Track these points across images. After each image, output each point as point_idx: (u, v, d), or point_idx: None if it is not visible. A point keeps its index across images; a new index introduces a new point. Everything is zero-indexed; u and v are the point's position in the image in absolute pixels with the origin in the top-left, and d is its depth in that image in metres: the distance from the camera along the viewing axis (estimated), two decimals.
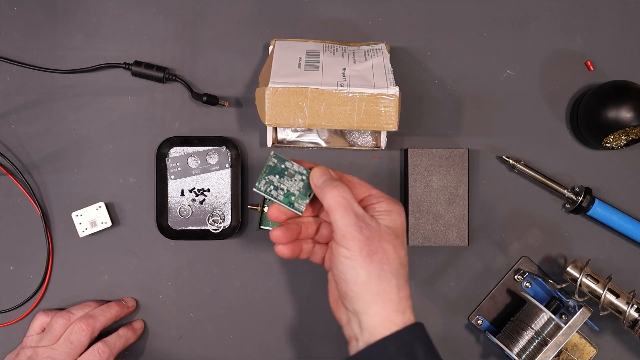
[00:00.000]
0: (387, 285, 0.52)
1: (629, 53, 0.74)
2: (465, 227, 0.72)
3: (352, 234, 0.52)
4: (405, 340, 0.52)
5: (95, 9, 0.74)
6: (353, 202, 0.54)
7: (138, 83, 0.73)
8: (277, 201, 0.56)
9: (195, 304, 0.74)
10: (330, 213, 0.53)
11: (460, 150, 0.72)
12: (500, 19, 0.75)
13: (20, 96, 0.73)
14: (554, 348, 0.67)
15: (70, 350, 0.67)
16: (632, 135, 0.71)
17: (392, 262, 0.53)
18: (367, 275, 0.52)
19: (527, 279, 0.73)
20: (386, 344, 0.51)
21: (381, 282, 0.52)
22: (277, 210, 0.57)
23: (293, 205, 0.56)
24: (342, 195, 0.53)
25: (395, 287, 0.52)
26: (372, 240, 0.52)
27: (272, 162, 0.56)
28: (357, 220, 0.53)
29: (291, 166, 0.56)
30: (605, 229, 0.74)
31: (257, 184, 0.56)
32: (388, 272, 0.52)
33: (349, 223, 0.52)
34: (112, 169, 0.74)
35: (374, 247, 0.52)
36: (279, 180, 0.56)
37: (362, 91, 0.64)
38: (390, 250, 0.53)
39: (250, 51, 0.74)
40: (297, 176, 0.56)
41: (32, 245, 0.73)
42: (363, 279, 0.52)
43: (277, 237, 0.56)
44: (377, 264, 0.52)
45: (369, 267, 0.52)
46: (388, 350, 0.51)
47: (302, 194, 0.56)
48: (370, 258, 0.52)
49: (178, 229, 0.73)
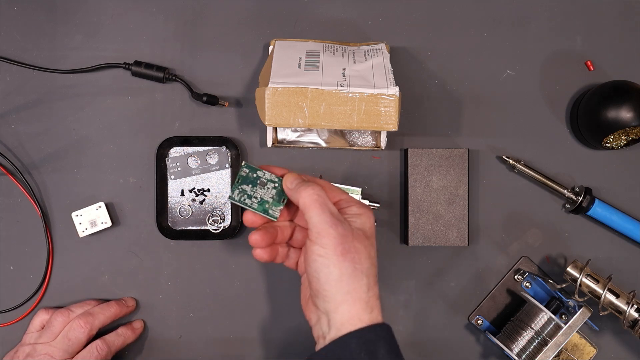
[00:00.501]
0: (358, 284, 0.53)
1: (629, 53, 0.74)
2: (465, 227, 0.72)
3: (327, 230, 0.53)
4: (367, 338, 0.52)
5: (95, 9, 0.74)
6: (327, 201, 0.55)
7: (138, 83, 0.73)
8: (252, 209, 0.57)
9: (195, 304, 0.74)
10: (306, 211, 0.54)
11: (460, 150, 0.72)
12: (500, 19, 0.75)
13: (20, 96, 0.73)
14: (554, 348, 0.67)
15: (68, 347, 0.67)
16: (632, 135, 0.71)
17: (363, 262, 0.53)
18: (339, 273, 0.52)
19: (527, 279, 0.73)
20: (348, 340, 0.52)
21: (352, 281, 0.53)
22: (252, 215, 0.58)
23: (267, 212, 0.57)
24: (317, 193, 0.54)
25: (366, 286, 0.53)
26: (345, 239, 0.53)
27: (244, 172, 0.57)
28: (332, 217, 0.53)
29: (263, 175, 0.58)
30: (605, 229, 0.74)
31: (230, 194, 0.57)
32: (359, 272, 0.53)
33: (324, 220, 0.53)
34: (112, 169, 0.74)
35: (347, 246, 0.53)
36: (252, 189, 0.57)
37: (362, 91, 0.64)
38: (362, 249, 0.54)
39: (250, 51, 0.74)
40: (270, 184, 0.58)
41: (32, 245, 0.73)
42: (335, 277, 0.53)
43: (256, 240, 0.56)
44: (350, 263, 0.53)
45: (341, 265, 0.52)
46: (349, 347, 0.52)
47: (275, 201, 0.58)
48: (344, 257, 0.53)
49: (178, 229, 0.73)
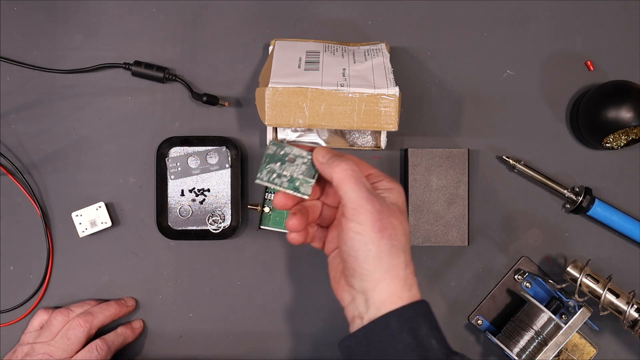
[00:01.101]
0: (396, 261, 0.51)
1: (629, 53, 0.74)
2: (465, 227, 0.72)
3: (364, 206, 0.51)
4: (408, 316, 0.51)
5: (95, 9, 0.74)
6: (362, 175, 0.53)
7: (138, 83, 0.73)
8: (282, 189, 0.55)
9: (195, 304, 0.74)
10: (341, 187, 0.52)
11: (460, 150, 0.72)
12: (500, 19, 0.75)
13: (20, 96, 0.73)
14: (554, 348, 0.67)
15: (67, 346, 0.67)
16: (632, 135, 0.71)
17: (400, 238, 0.52)
18: (377, 251, 0.51)
19: (527, 279, 0.73)
20: (388, 319, 0.51)
21: (391, 258, 0.51)
22: (283, 197, 0.56)
23: (299, 190, 0.55)
24: (352, 167, 0.53)
25: (403, 263, 0.52)
26: (382, 215, 0.51)
27: (270, 150, 0.55)
28: (368, 193, 0.52)
29: (291, 151, 0.55)
30: (605, 229, 0.74)
31: (258, 175, 0.55)
32: (397, 248, 0.52)
33: (361, 196, 0.51)
34: (112, 169, 0.74)
35: (384, 222, 0.51)
36: (281, 167, 0.55)
37: (362, 91, 0.64)
38: (398, 225, 0.52)
39: (250, 51, 0.74)
40: (298, 160, 0.55)
41: (32, 245, 0.73)
42: (374, 254, 0.51)
43: (294, 225, 0.54)
44: (388, 240, 0.51)
45: (379, 243, 0.51)
46: (390, 326, 0.50)
47: (306, 177, 0.55)
48: (382, 233, 0.51)
49: (178, 229, 0.73)
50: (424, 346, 0.50)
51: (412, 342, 0.50)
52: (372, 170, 0.56)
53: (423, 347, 0.50)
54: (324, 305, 0.74)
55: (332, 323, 0.74)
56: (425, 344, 0.51)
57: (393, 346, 0.50)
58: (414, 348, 0.50)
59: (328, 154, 0.54)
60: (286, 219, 0.55)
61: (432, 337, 0.51)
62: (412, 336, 0.50)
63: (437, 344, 0.51)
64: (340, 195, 0.52)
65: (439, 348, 0.51)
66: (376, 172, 0.56)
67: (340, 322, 0.73)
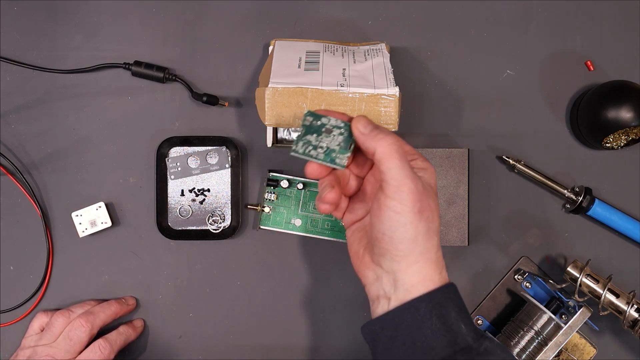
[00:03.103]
0: (430, 244, 0.51)
1: (629, 53, 0.74)
2: (465, 227, 0.72)
3: (409, 185, 0.50)
4: (437, 301, 0.50)
5: (95, 9, 0.74)
6: (405, 152, 0.51)
7: (138, 83, 0.73)
8: (319, 160, 0.53)
9: (195, 304, 0.74)
10: (384, 162, 0.50)
11: (460, 150, 0.72)
12: (500, 19, 0.75)
13: (20, 96, 0.73)
14: (554, 348, 0.67)
15: (69, 347, 0.67)
16: (632, 135, 0.71)
17: (435, 220, 0.51)
18: (415, 232, 0.50)
19: (527, 279, 0.73)
20: (418, 304, 0.50)
21: (426, 241, 0.50)
22: (317, 167, 0.54)
23: (335, 161, 0.53)
24: (397, 142, 0.51)
25: (436, 246, 0.52)
26: (422, 196, 0.50)
27: (307, 121, 0.53)
28: (412, 171, 0.50)
29: (328, 121, 0.53)
30: (605, 229, 0.74)
31: (294, 147, 0.53)
32: (432, 231, 0.51)
33: (406, 174, 0.50)
34: (112, 169, 0.74)
35: (424, 204, 0.50)
36: (317, 138, 0.53)
37: (362, 91, 0.64)
38: (435, 207, 0.51)
39: (250, 51, 0.74)
40: (335, 130, 0.53)
41: (32, 245, 0.73)
42: (411, 236, 0.50)
43: (333, 198, 0.53)
44: (425, 223, 0.50)
45: (418, 225, 0.50)
46: (420, 311, 0.50)
47: (342, 148, 0.53)
48: (420, 214, 0.50)
49: (178, 229, 0.73)
50: (453, 331, 0.50)
51: (441, 327, 0.50)
52: (407, 146, 0.54)
53: (452, 332, 0.50)
54: (324, 305, 0.74)
55: (332, 323, 0.74)
56: (455, 329, 0.50)
57: (422, 331, 0.50)
58: (444, 333, 0.50)
59: (369, 125, 0.52)
60: (323, 191, 0.54)
61: (461, 321, 0.51)
62: (442, 321, 0.50)
63: (465, 328, 0.51)
64: (382, 171, 0.50)
65: (468, 332, 0.51)
66: (410, 149, 0.55)
67: (341, 322, 0.74)
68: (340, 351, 0.74)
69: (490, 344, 0.51)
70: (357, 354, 0.73)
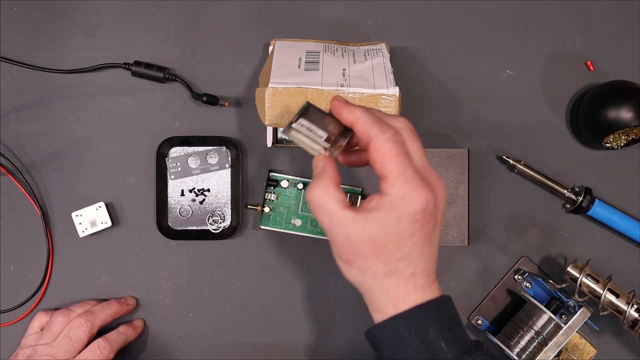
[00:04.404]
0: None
1: (629, 53, 0.74)
2: (465, 227, 0.72)
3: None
4: (416, 319, 0.51)
5: (95, 9, 0.74)
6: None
7: (138, 83, 0.73)
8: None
9: (195, 304, 0.74)
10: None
11: (460, 150, 0.72)
12: (500, 19, 0.75)
13: (20, 96, 0.73)
14: (554, 348, 0.67)
15: (69, 347, 0.67)
16: (632, 135, 0.71)
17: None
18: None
19: (527, 279, 0.73)
20: (397, 322, 0.51)
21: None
22: None
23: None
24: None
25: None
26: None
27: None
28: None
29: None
30: (605, 229, 0.74)
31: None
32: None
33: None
34: (112, 169, 0.74)
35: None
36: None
37: (362, 91, 0.64)
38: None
39: (250, 51, 0.74)
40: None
41: (32, 245, 0.73)
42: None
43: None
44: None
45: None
46: (399, 329, 0.51)
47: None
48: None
49: (178, 229, 0.73)
50: (432, 349, 0.50)
51: (420, 345, 0.50)
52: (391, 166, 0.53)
53: (431, 350, 0.50)
54: (324, 304, 0.74)
55: (332, 323, 0.74)
56: (435, 347, 0.51)
57: (402, 349, 0.51)
58: (422, 351, 0.50)
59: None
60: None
61: (442, 339, 0.51)
62: (421, 339, 0.50)
63: (446, 346, 0.51)
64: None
65: (449, 349, 0.51)
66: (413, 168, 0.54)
67: (340, 322, 0.74)
68: (340, 351, 0.74)
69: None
70: (357, 354, 0.73)
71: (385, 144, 0.50)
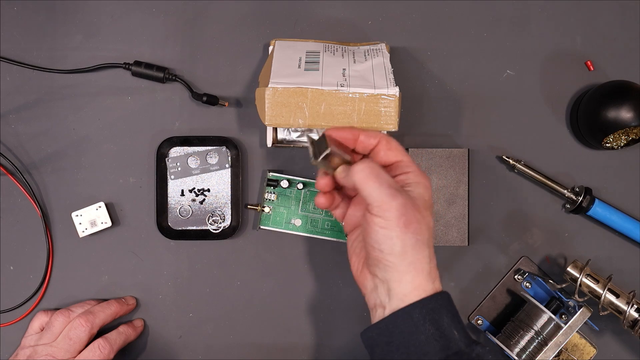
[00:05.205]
0: (421, 255, 0.53)
1: (629, 53, 0.74)
2: (465, 227, 0.72)
3: (389, 203, 0.52)
4: (431, 307, 0.52)
5: (95, 9, 0.74)
6: (381, 171, 0.54)
7: (138, 83, 0.73)
8: None
9: (195, 304, 0.74)
10: (363, 189, 0.53)
11: (460, 150, 0.72)
12: (500, 19, 0.75)
13: (20, 96, 0.73)
14: (554, 348, 0.67)
15: (69, 347, 0.67)
16: (632, 135, 0.71)
17: (424, 233, 0.53)
18: (402, 245, 0.52)
19: (527, 279, 0.73)
20: (412, 310, 0.52)
21: (416, 253, 0.52)
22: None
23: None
24: (369, 166, 0.53)
25: (427, 257, 0.53)
26: (407, 209, 0.52)
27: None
28: (390, 189, 0.53)
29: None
30: (605, 229, 0.74)
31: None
32: (422, 243, 0.53)
33: (384, 193, 0.52)
34: (112, 169, 0.74)
35: (409, 217, 0.52)
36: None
37: (362, 91, 0.64)
38: (422, 220, 0.53)
39: (250, 51, 0.74)
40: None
41: (32, 245, 0.73)
42: (399, 249, 0.52)
43: (323, 185, 0.57)
44: (412, 235, 0.52)
45: (404, 237, 0.52)
46: (414, 317, 0.52)
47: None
48: (407, 228, 0.52)
49: (178, 229, 0.73)
50: (446, 336, 0.52)
51: (435, 332, 0.52)
52: (404, 157, 0.57)
53: (445, 337, 0.52)
54: (324, 304, 0.74)
55: (332, 323, 0.74)
56: (448, 334, 0.52)
57: (416, 337, 0.52)
58: (437, 338, 0.52)
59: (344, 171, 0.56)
60: (318, 179, 0.57)
61: (454, 327, 0.53)
62: (435, 327, 0.52)
63: (458, 334, 0.53)
64: (364, 196, 0.53)
65: (460, 338, 0.53)
66: (407, 161, 0.57)
67: (341, 322, 0.74)
68: (340, 351, 0.74)
69: (481, 349, 0.53)
70: (357, 354, 0.73)
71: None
